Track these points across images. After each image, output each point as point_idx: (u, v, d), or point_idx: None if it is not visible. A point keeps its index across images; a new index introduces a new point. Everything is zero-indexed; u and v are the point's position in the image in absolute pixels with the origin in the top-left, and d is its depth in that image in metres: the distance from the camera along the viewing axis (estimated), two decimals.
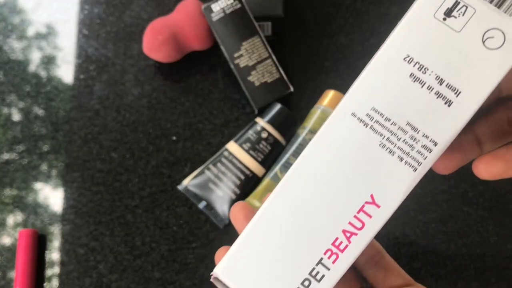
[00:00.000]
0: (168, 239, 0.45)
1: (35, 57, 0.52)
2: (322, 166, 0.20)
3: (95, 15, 0.52)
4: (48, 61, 0.51)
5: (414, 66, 0.19)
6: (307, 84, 0.49)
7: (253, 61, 0.46)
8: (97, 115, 0.49)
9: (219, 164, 0.45)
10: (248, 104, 0.49)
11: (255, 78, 0.46)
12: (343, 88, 0.48)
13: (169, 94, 0.49)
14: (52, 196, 0.47)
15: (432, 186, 0.46)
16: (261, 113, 0.47)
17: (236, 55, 0.46)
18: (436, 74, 0.19)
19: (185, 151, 0.48)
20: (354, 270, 0.26)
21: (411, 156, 0.19)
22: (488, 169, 0.20)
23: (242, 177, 0.45)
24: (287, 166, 0.44)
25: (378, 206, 0.20)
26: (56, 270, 0.45)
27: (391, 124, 0.19)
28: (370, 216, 0.20)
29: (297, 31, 0.51)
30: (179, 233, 0.46)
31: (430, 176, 0.20)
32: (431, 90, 0.19)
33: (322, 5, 0.52)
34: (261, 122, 0.45)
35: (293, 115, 0.46)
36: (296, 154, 0.44)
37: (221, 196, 0.45)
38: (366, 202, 0.20)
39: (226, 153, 0.45)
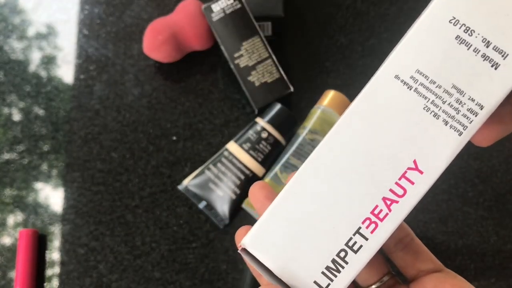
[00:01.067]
0: (168, 239, 0.45)
1: (35, 57, 0.52)
2: (363, 130, 0.19)
3: (95, 15, 0.52)
4: (48, 61, 0.52)
5: (460, 28, 0.18)
6: (307, 84, 0.49)
7: (253, 61, 0.46)
8: (97, 115, 0.49)
9: (219, 164, 0.45)
10: (248, 104, 0.49)
11: (255, 78, 0.46)
12: (343, 88, 0.48)
13: (169, 94, 0.50)
14: (52, 196, 0.47)
15: (432, 186, 0.46)
16: (261, 113, 0.47)
17: (236, 55, 0.46)
18: (482, 37, 0.18)
19: (185, 151, 0.48)
20: (382, 254, 0.25)
21: (456, 120, 0.18)
22: None
23: (242, 177, 0.45)
24: (287, 166, 0.44)
25: (421, 172, 0.19)
26: (56, 270, 0.45)
27: (436, 87, 0.18)
28: (413, 183, 0.19)
29: (297, 31, 0.51)
30: (179, 233, 0.46)
31: None
32: (478, 53, 0.18)
33: (322, 5, 0.52)
34: (261, 122, 0.45)
35: (293, 115, 0.46)
36: (296, 154, 0.44)
37: (221, 196, 0.45)
38: (409, 168, 0.19)
39: (226, 153, 0.45)
